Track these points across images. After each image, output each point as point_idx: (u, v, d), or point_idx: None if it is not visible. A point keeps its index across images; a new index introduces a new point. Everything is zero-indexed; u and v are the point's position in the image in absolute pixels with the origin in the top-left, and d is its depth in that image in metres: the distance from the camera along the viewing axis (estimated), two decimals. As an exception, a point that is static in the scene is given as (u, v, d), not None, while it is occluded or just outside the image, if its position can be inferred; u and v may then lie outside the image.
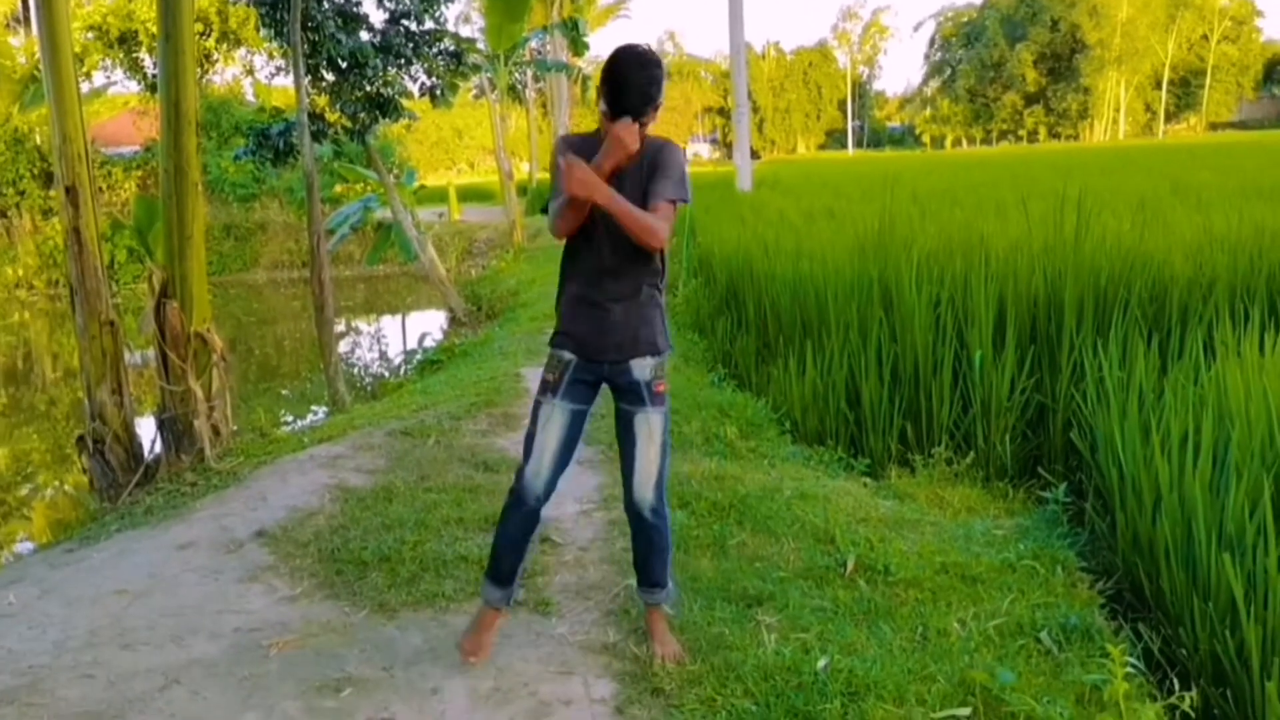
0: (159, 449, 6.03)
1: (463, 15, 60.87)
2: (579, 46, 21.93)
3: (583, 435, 3.13)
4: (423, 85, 14.32)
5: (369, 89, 12.82)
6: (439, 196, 29.35)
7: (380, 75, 12.80)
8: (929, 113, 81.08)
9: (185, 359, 5.83)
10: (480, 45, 21.31)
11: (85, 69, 23.93)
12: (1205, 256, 6.50)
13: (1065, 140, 67.21)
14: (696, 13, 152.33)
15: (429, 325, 17.37)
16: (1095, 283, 6.09)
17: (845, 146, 76.44)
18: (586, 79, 35.29)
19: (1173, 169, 16.93)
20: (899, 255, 6.90)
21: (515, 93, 25.97)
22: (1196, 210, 8.86)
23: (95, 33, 24.07)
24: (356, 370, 14.40)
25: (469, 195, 34.71)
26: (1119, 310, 5.87)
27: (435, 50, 13.85)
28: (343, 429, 6.31)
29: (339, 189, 22.34)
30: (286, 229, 24.78)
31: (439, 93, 14.57)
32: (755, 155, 38.69)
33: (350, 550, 4.09)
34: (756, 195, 16.91)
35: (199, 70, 22.43)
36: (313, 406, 11.22)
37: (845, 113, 78.98)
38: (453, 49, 14.46)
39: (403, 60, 13.28)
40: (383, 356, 15.92)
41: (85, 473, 6.14)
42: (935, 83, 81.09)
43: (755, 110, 70.39)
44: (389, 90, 13.11)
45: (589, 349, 3.00)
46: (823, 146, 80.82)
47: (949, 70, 78.86)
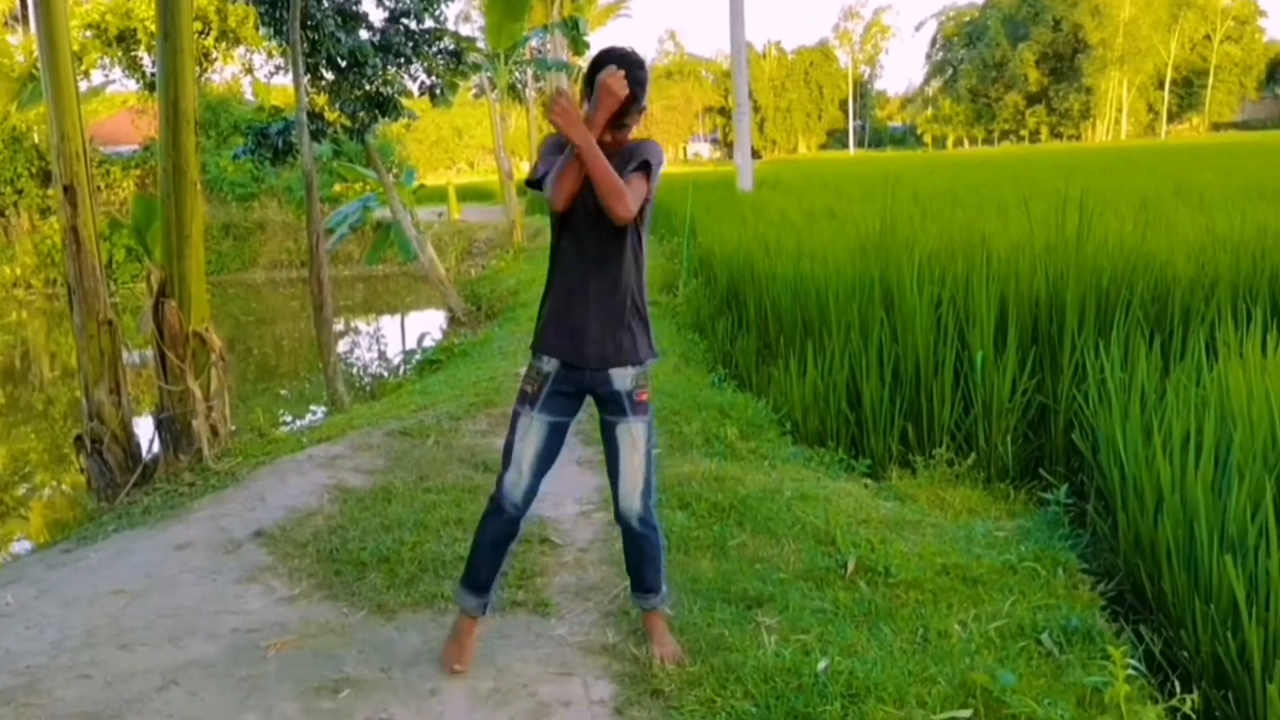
0: (157, 449, 6.01)
1: (463, 14, 60.83)
2: (579, 45, 21.91)
3: (566, 444, 3.12)
4: (422, 84, 14.31)
5: (368, 88, 12.81)
6: (438, 196, 29.34)
7: (380, 74, 12.79)
8: (930, 112, 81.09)
9: (183, 358, 5.82)
10: (480, 44, 21.29)
11: (84, 67, 23.92)
12: (1208, 257, 6.49)
13: (1067, 140, 67.22)
14: (697, 12, 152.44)
15: (428, 325, 17.36)
16: (1097, 283, 6.08)
17: (846, 146, 76.49)
18: (587, 78, 35.21)
19: (1175, 169, 16.93)
20: (900, 255, 6.89)
21: (515, 92, 25.90)
22: (1199, 211, 8.85)
23: (94, 31, 24.07)
24: (355, 370, 14.40)
25: (468, 195, 34.71)
26: (1121, 311, 5.86)
27: (435, 49, 13.83)
28: (341, 429, 6.30)
29: (338, 188, 22.33)
30: (285, 228, 24.75)
31: (439, 92, 14.55)
32: (756, 155, 38.66)
33: (349, 551, 4.08)
34: (757, 195, 16.90)
35: (198, 69, 22.48)
36: (311, 406, 11.21)
37: (846, 112, 79.02)
38: (452, 48, 14.45)
39: (402, 59, 13.27)
40: (382, 356, 15.91)
41: (83, 472, 6.13)
42: (937, 82, 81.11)
43: (756, 110, 70.41)
44: (388, 89, 13.10)
45: (569, 356, 2.99)
46: (824, 146, 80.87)
47: (951, 70, 78.87)
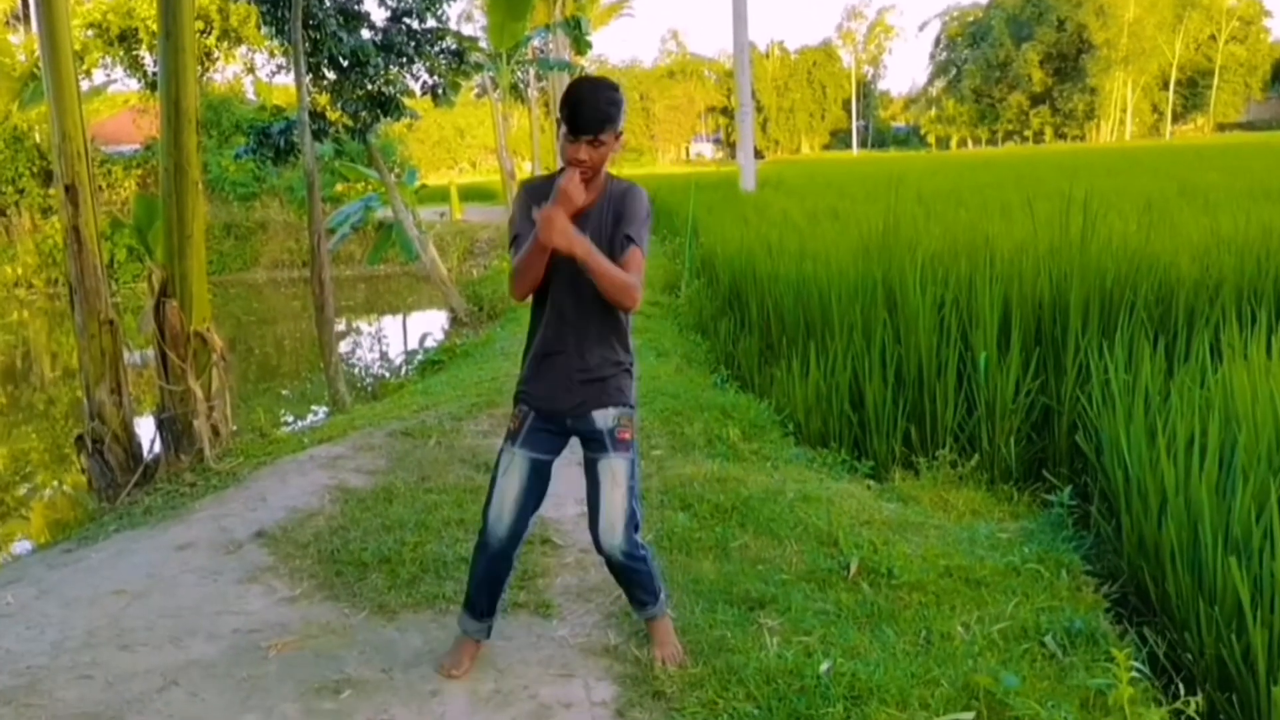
0: (158, 449, 6.01)
1: (465, 13, 60.79)
2: (581, 45, 21.94)
3: (549, 483, 3.05)
4: (424, 84, 14.31)
5: (370, 87, 12.82)
6: (440, 196, 29.35)
7: (382, 74, 12.80)
8: (934, 113, 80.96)
9: (185, 358, 5.81)
10: (482, 44, 21.29)
11: (85, 67, 23.92)
12: (1212, 258, 6.47)
13: (1071, 141, 67.14)
14: (700, 11, 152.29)
15: (430, 325, 17.35)
16: (1101, 284, 6.07)
17: (850, 146, 76.38)
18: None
19: (1180, 170, 16.89)
20: (903, 256, 6.88)
21: (517, 92, 25.90)
22: (1204, 212, 8.84)
23: (95, 30, 24.06)
24: (357, 370, 14.39)
25: (471, 195, 34.73)
26: (1125, 312, 5.84)
27: (437, 49, 13.84)
28: (343, 429, 6.29)
29: (340, 188, 22.34)
30: (287, 228, 24.76)
31: (441, 91, 14.55)
32: (759, 155, 38.67)
33: (350, 551, 4.07)
34: (760, 195, 16.91)
35: (199, 68, 22.49)
36: (313, 407, 11.21)
37: (850, 113, 78.93)
38: (455, 47, 14.46)
39: (404, 59, 13.28)
40: (383, 356, 15.90)
41: (84, 472, 6.12)
42: (940, 83, 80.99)
43: (759, 110, 70.36)
44: (390, 89, 13.12)
45: (548, 407, 2.96)
46: (827, 146, 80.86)
47: (954, 70, 78.76)
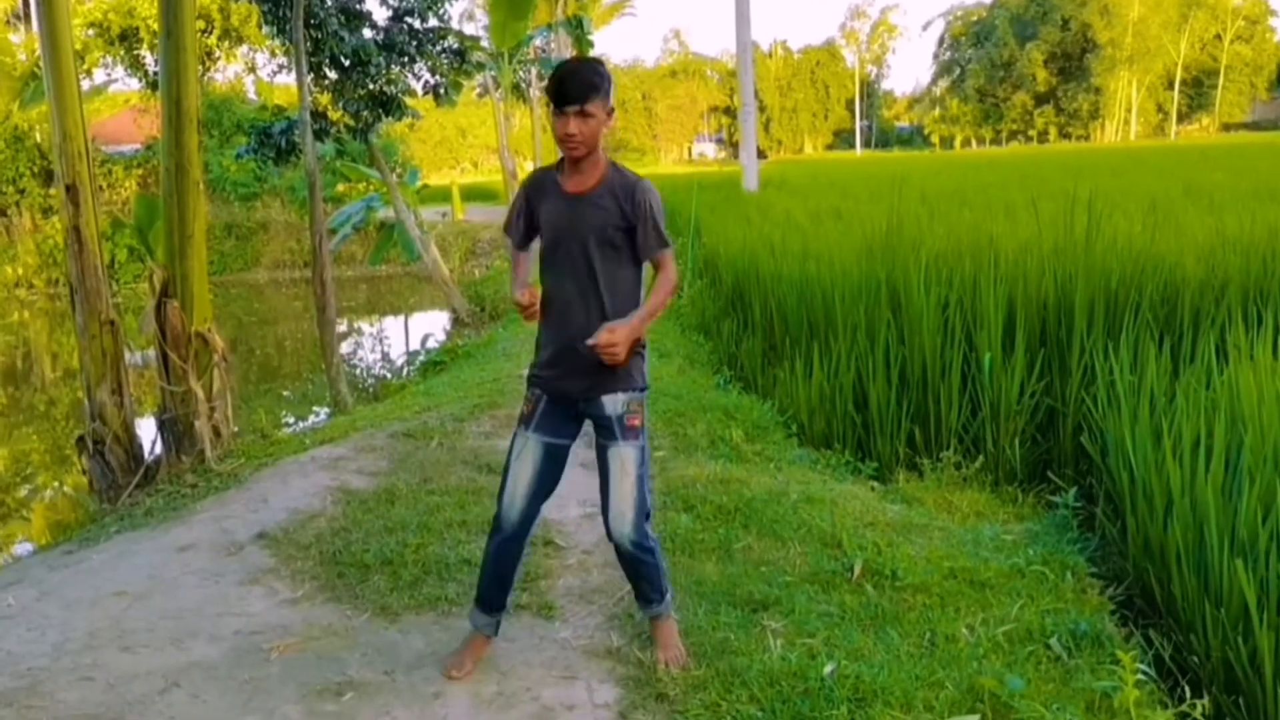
0: (159, 450, 6.01)
1: (466, 13, 60.81)
2: (583, 44, 21.90)
3: (565, 468, 3.07)
4: (426, 83, 14.30)
5: (372, 87, 12.82)
6: (442, 196, 29.37)
7: (383, 73, 12.79)
8: (938, 113, 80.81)
9: (186, 359, 5.81)
10: (484, 43, 21.28)
11: (86, 66, 23.91)
12: (1218, 259, 6.45)
13: (1076, 141, 66.94)
14: (702, 11, 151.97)
15: (432, 326, 17.35)
16: (1106, 285, 6.06)
17: (853, 146, 76.31)
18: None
19: (1185, 170, 16.84)
20: (907, 257, 6.86)
21: (519, 91, 25.85)
22: (1209, 212, 8.82)
23: (96, 30, 24.04)
24: (359, 371, 14.40)
25: (472, 195, 34.74)
26: (1130, 313, 5.83)
27: (439, 48, 13.84)
28: (345, 430, 6.28)
29: (341, 188, 22.36)
30: (288, 228, 24.77)
31: (442, 91, 14.55)
32: (762, 155, 38.74)
33: (352, 553, 4.07)
34: (763, 195, 16.87)
35: (200, 68, 22.46)
36: (314, 408, 11.21)
37: (853, 112, 78.84)
38: (456, 47, 14.45)
39: (406, 58, 13.27)
40: (385, 357, 15.89)
41: (85, 474, 6.12)
42: (944, 82, 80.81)
43: (762, 110, 70.29)
44: (392, 88, 13.11)
45: (558, 390, 2.98)
46: (830, 146, 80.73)
47: (958, 70, 78.56)
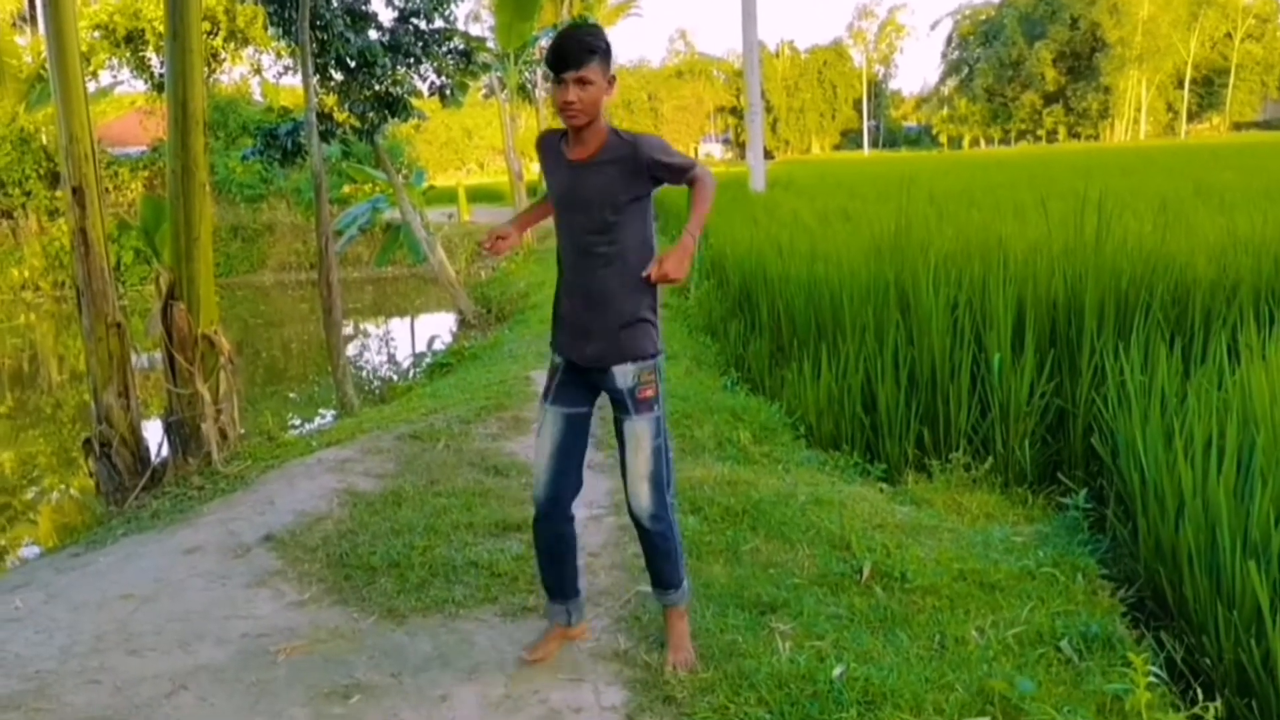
0: (166, 452, 6.01)
1: (472, 14, 61.09)
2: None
3: (589, 439, 3.10)
4: (432, 84, 14.29)
5: (378, 88, 12.80)
6: (448, 197, 29.42)
7: (389, 74, 12.78)
8: (946, 112, 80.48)
9: (192, 361, 5.81)
10: (490, 44, 21.31)
11: (92, 68, 24.00)
12: (1229, 259, 6.41)
13: (1085, 140, 66.57)
14: (709, 11, 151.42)
15: (438, 328, 17.37)
16: (1116, 285, 6.03)
17: (861, 147, 76.09)
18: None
19: (1195, 169, 16.74)
20: (916, 257, 6.85)
21: (525, 92, 25.88)
22: (1220, 211, 8.77)
23: (102, 32, 24.11)
24: (365, 373, 14.42)
25: (478, 196, 34.82)
26: (1140, 313, 5.80)
27: (445, 49, 13.84)
28: (351, 433, 6.28)
29: (347, 189, 22.39)
30: (294, 230, 24.80)
31: (448, 92, 14.54)
32: (769, 155, 38.65)
33: (359, 555, 4.07)
34: (770, 196, 16.85)
35: (206, 69, 22.52)
36: (320, 410, 11.23)
37: (861, 112, 78.64)
38: (462, 48, 14.46)
39: (412, 59, 13.26)
40: (391, 359, 15.91)
41: (91, 476, 6.13)
42: (952, 82, 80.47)
43: (769, 110, 70.29)
44: (398, 89, 13.09)
45: (572, 354, 3.01)
46: (838, 147, 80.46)
47: (966, 69, 78.21)
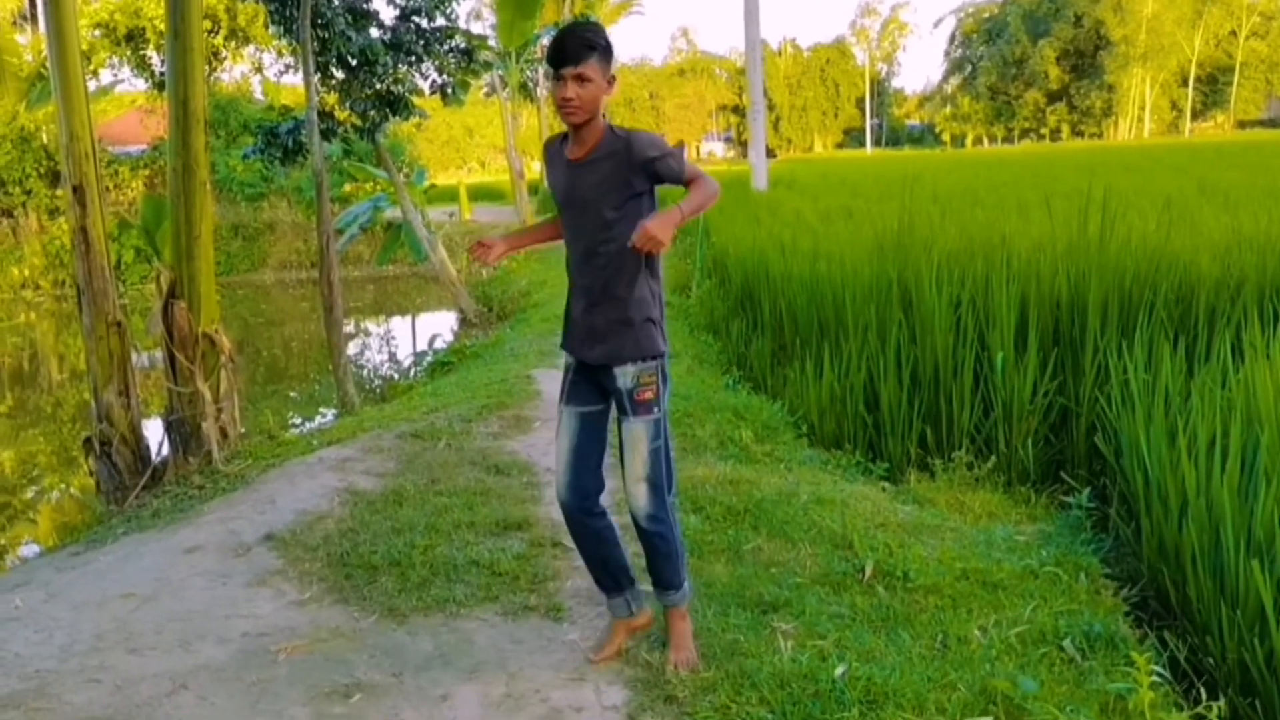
0: (166, 451, 6.01)
1: (474, 12, 60.94)
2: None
3: (607, 436, 3.11)
4: (433, 83, 14.29)
5: (379, 87, 12.79)
6: (449, 196, 29.39)
7: (390, 73, 12.77)
8: (949, 110, 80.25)
9: (193, 360, 5.81)
10: (492, 42, 21.31)
11: (92, 67, 23.99)
12: (1233, 257, 6.42)
13: (1089, 138, 66.36)
14: (711, 9, 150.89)
15: (439, 326, 17.37)
16: (1120, 284, 6.03)
17: (863, 145, 76.00)
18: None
19: (1199, 168, 16.72)
20: (918, 256, 6.85)
21: (527, 91, 25.88)
22: (1224, 210, 8.78)
23: (102, 30, 24.10)
24: (366, 372, 14.42)
25: (480, 194, 34.83)
26: (1144, 312, 5.80)
27: (446, 47, 13.83)
28: (352, 431, 6.28)
29: (348, 188, 22.37)
30: (295, 229, 24.79)
31: (450, 90, 14.53)
32: (771, 154, 38.58)
33: (360, 554, 4.06)
34: (772, 195, 16.86)
35: (207, 68, 22.43)
36: (321, 409, 11.23)
37: (863, 111, 78.49)
38: (464, 46, 14.45)
39: (413, 57, 13.25)
40: (392, 358, 15.91)
41: (92, 475, 6.12)
42: (956, 80, 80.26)
43: (771, 108, 70.16)
44: (399, 88, 13.08)
45: (578, 353, 3.05)
46: (840, 145, 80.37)
47: (970, 67, 77.99)
